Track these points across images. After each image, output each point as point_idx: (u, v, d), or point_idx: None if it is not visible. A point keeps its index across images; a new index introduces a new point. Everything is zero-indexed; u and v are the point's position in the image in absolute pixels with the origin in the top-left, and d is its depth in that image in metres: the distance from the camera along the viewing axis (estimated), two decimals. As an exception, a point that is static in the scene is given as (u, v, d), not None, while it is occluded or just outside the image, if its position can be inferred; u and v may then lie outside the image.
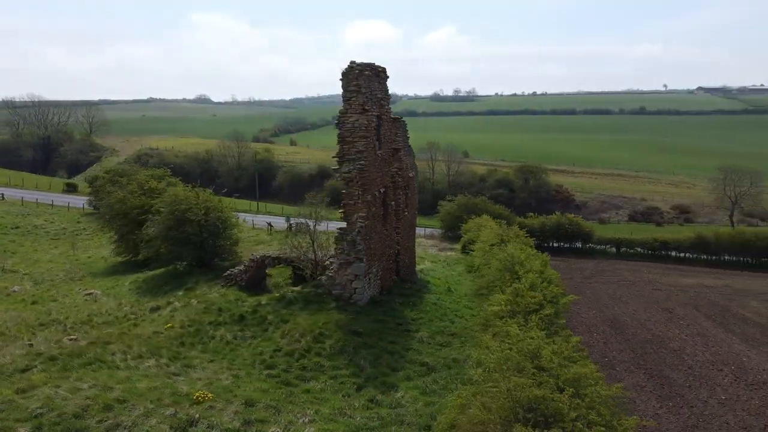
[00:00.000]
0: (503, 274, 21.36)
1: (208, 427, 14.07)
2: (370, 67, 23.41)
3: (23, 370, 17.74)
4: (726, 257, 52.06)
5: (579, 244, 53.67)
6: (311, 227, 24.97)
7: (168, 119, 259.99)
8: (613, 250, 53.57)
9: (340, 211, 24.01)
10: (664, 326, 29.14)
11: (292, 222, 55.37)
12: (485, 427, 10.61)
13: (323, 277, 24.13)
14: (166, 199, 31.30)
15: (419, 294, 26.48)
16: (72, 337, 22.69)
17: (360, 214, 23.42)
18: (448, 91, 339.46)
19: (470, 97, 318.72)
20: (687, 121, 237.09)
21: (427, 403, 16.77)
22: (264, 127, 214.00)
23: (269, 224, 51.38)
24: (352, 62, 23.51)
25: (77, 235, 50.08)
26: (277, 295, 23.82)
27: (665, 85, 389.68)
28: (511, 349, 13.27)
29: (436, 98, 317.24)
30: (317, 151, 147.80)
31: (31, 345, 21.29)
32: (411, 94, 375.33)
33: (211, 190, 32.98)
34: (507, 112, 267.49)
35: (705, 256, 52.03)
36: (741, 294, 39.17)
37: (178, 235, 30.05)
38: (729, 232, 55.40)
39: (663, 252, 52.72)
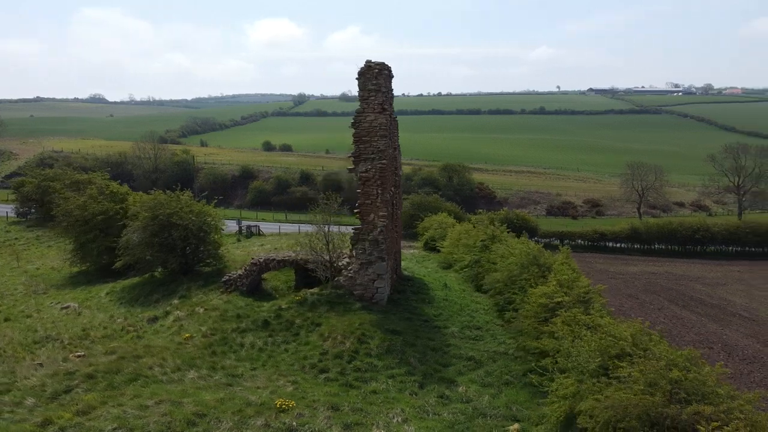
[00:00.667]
0: (529, 267, 22.12)
1: (312, 434, 13.71)
2: (387, 66, 23.45)
3: (66, 391, 16.36)
4: (656, 245, 56.32)
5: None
6: (326, 229, 24.60)
7: (59, 120, 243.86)
8: (558, 242, 56.45)
9: (356, 210, 23.88)
10: (640, 312, 31.23)
11: (243, 225, 54.03)
12: (628, 410, 11.14)
13: (341, 278, 23.88)
14: (148, 203, 29.64)
15: (424, 291, 26.79)
16: (79, 353, 21.11)
17: (381, 213, 23.42)
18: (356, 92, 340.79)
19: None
20: (582, 120, 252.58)
21: (492, 395, 17.18)
22: (170, 128, 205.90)
23: (241, 227, 50.13)
24: (369, 61, 23.46)
25: (10, 245, 46.07)
26: (298, 297, 23.31)
27: (558, 87, 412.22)
28: (604, 338, 13.91)
29: (345, 98, 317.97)
30: (233, 152, 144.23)
31: (40, 365, 19.69)
32: (318, 94, 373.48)
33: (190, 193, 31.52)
34: (416, 112, 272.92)
35: (638, 245, 56.01)
36: (683, 279, 42.63)
37: (163, 240, 28.60)
38: (658, 222, 59.98)
39: (602, 243, 56.20)
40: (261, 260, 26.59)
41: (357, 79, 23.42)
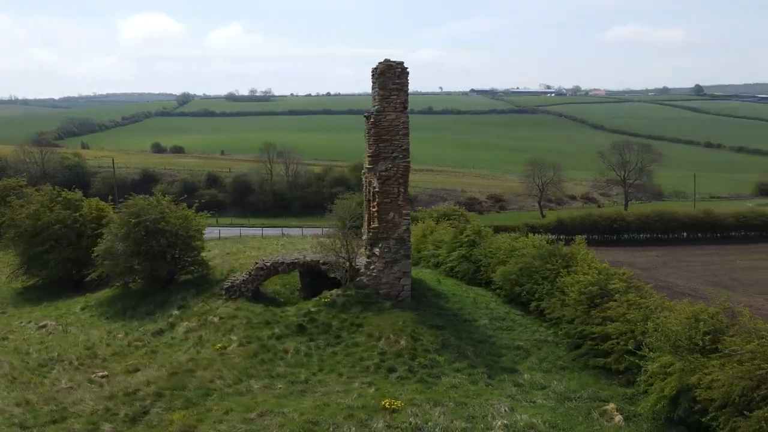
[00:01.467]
0: (550, 259, 23.24)
1: (444, 430, 13.78)
2: (405, 66, 23.65)
3: (144, 413, 15.18)
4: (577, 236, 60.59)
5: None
6: (345, 230, 24.32)
7: None
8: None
9: (374, 210, 23.85)
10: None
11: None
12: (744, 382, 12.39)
13: (363, 278, 23.76)
14: (130, 208, 27.64)
15: (426, 287, 27.24)
16: (101, 373, 19.56)
17: (404, 211, 23.59)
18: (244, 91, 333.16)
19: (266, 97, 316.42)
20: (469, 120, 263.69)
21: (559, 380, 18.04)
22: (43, 130, 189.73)
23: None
24: (387, 60, 23.52)
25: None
26: (326, 299, 22.89)
27: (441, 87, 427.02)
28: (690, 316, 15.21)
29: (232, 98, 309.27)
30: (123, 155, 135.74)
31: (71, 388, 18.03)
32: (201, 93, 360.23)
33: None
34: (308, 112, 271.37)
35: (563, 236, 59.87)
36: (619, 265, 46.23)
37: (149, 248, 26.82)
38: (581, 214, 64.38)
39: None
40: (268, 264, 25.75)
41: (376, 78, 23.43)
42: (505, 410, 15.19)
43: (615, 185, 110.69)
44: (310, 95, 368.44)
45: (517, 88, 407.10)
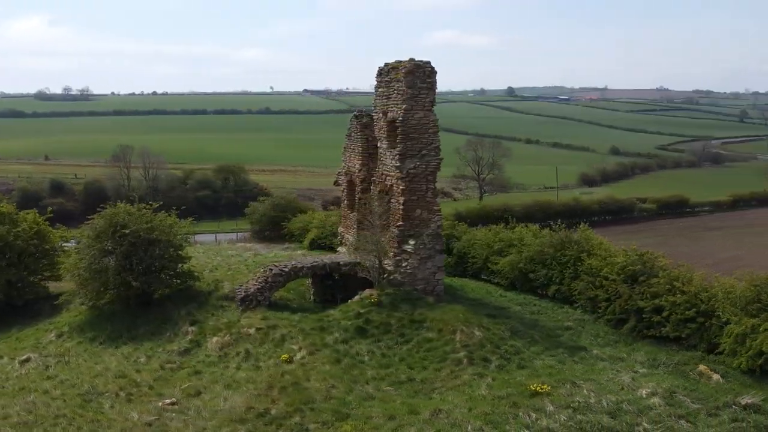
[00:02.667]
0: (565, 246, 25.25)
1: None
2: (431, 65, 24.13)
3: (305, 430, 14.20)
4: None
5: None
6: (377, 230, 24.08)
7: None
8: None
9: (401, 208, 24.07)
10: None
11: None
12: None
13: (397, 276, 23.86)
14: (112, 218, 24.73)
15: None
16: (168, 401, 17.79)
17: (435, 207, 24.09)
18: (56, 89, 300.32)
19: (84, 96, 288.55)
20: (310, 120, 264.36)
21: (629, 352, 19.96)
22: None
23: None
24: (412, 59, 23.82)
25: None
26: (373, 299, 22.61)
27: (272, 87, 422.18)
28: (748, 284, 17.92)
29: (43, 97, 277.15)
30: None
31: (158, 419, 16.28)
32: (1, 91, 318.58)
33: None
34: (135, 113, 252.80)
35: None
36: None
37: (139, 262, 24.32)
38: (474, 206, 68.56)
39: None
40: (287, 269, 24.70)
41: (405, 77, 23.61)
42: (629, 380, 16.69)
43: (471, 180, 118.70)
44: (134, 94, 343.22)
45: (347, 88, 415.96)
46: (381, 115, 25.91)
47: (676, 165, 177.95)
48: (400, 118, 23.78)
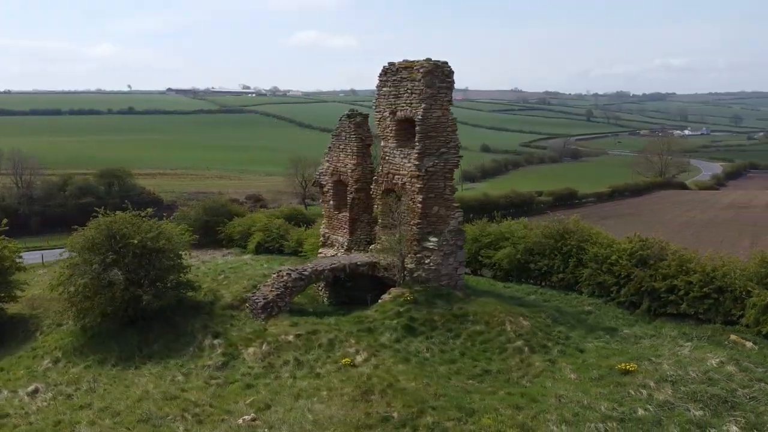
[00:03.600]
0: (563, 236, 26.85)
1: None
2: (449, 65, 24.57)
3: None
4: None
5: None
6: (402, 229, 24.00)
7: None
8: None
9: (419, 205, 24.36)
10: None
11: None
12: None
13: (421, 273, 24.09)
14: (111, 227, 22.58)
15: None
16: (249, 417, 16.87)
17: (454, 204, 24.59)
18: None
19: None
20: (179, 120, 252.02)
21: (658, 327, 21.88)
22: None
23: None
24: (429, 59, 24.11)
25: None
26: (408, 298, 22.63)
27: (130, 86, 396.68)
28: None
29: None
30: None
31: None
32: None
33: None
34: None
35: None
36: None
37: (146, 274, 22.53)
38: None
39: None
40: (307, 273, 23.99)
41: (424, 77, 23.85)
42: (688, 353, 18.41)
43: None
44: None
45: (213, 87, 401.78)
46: (387, 114, 25.95)
47: (540, 161, 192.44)
48: (419, 117, 24.01)
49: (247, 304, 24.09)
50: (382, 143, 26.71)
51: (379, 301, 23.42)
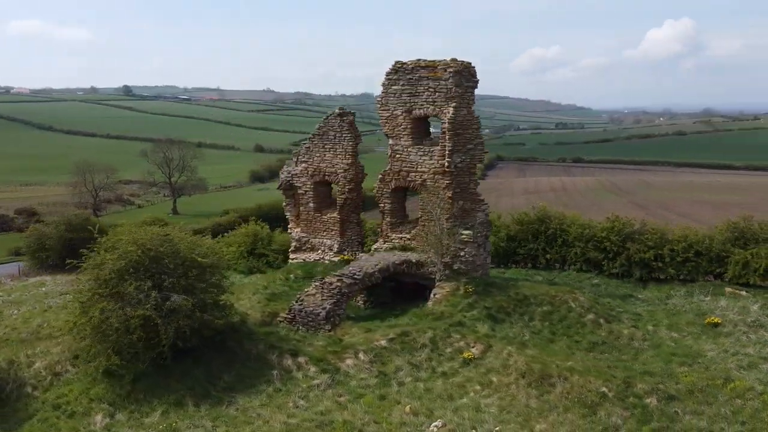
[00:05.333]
0: (545, 222, 29.70)
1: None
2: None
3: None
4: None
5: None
6: (442, 225, 24.15)
7: None
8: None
9: (448, 195, 25.08)
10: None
11: None
12: None
13: (461, 266, 24.83)
14: (149, 243, 19.17)
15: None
16: (440, 423, 16.53)
17: (479, 197, 25.73)
18: None
19: None
20: None
21: (659, 292, 25.98)
22: None
23: None
24: (455, 59, 24.83)
25: None
26: (469, 290, 23.23)
27: None
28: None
29: None
30: None
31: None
32: None
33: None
34: None
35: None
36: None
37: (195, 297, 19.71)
38: (251, 206, 66.22)
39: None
40: (359, 276, 23.08)
41: (453, 76, 24.55)
42: (725, 305, 22.63)
43: (163, 184, 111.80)
44: None
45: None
46: (400, 112, 26.08)
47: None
48: (450, 116, 24.73)
49: (293, 318, 22.51)
50: (391, 141, 26.72)
51: (434, 297, 23.74)
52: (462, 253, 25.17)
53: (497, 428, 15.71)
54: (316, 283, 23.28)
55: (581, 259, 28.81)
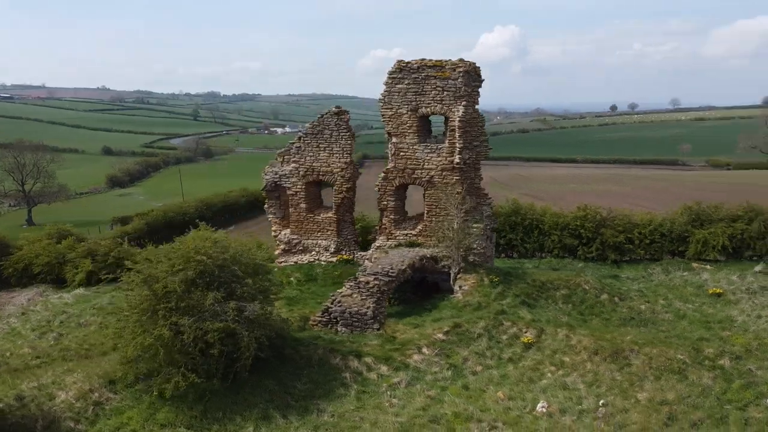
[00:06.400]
0: (523, 214, 31.44)
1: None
2: (477, 65, 26.51)
3: None
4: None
5: None
6: (460, 220, 24.69)
7: None
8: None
9: (458, 191, 26.00)
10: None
11: None
12: None
13: (476, 258, 25.78)
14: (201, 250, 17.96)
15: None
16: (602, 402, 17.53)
17: (484, 192, 26.82)
18: None
19: None
20: None
21: (642, 269, 28.98)
22: None
23: None
24: (463, 60, 25.67)
25: None
26: (494, 279, 24.20)
27: None
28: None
29: None
30: None
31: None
32: None
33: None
34: None
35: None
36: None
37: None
38: (160, 215, 61.35)
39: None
40: (394, 274, 23.16)
41: (463, 76, 25.39)
42: (709, 277, 25.93)
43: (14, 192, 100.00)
44: None
45: None
46: (405, 111, 26.47)
47: (177, 161, 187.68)
48: (460, 114, 25.59)
49: (328, 320, 22.24)
50: (394, 139, 27.01)
51: (461, 289, 24.51)
52: (474, 246, 26.19)
53: (602, 401, 16.93)
54: (351, 284, 23.00)
55: (558, 246, 31.17)
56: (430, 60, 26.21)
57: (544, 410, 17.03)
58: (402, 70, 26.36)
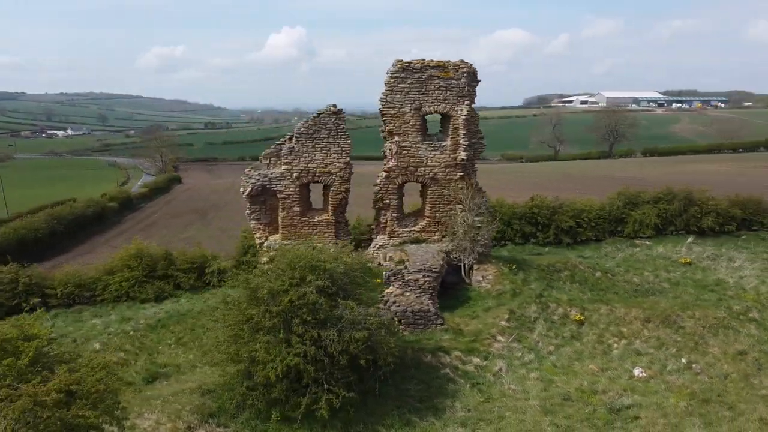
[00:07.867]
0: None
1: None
2: (471, 66, 27.52)
3: None
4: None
5: None
6: (473, 216, 25.46)
7: None
8: None
9: (461, 186, 27.12)
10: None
11: None
12: None
13: (483, 249, 27.02)
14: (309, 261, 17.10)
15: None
16: (638, 370, 19.73)
17: (479, 187, 28.09)
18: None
19: None
20: None
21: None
22: None
23: None
24: (462, 60, 26.60)
25: None
26: (512, 267, 25.69)
27: None
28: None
29: None
30: None
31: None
32: None
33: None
34: None
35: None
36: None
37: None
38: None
39: None
40: (436, 269, 23.55)
41: (466, 76, 26.41)
42: (662, 249, 30.30)
43: None
44: None
45: None
46: (408, 110, 26.81)
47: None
48: (465, 113, 26.66)
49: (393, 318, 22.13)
50: (397, 138, 27.17)
51: (484, 279, 25.71)
52: (479, 238, 27.51)
53: (684, 358, 19.54)
54: (398, 283, 22.95)
55: (519, 233, 33.84)
56: (432, 60, 26.86)
57: (644, 374, 19.11)
58: (404, 70, 26.62)
